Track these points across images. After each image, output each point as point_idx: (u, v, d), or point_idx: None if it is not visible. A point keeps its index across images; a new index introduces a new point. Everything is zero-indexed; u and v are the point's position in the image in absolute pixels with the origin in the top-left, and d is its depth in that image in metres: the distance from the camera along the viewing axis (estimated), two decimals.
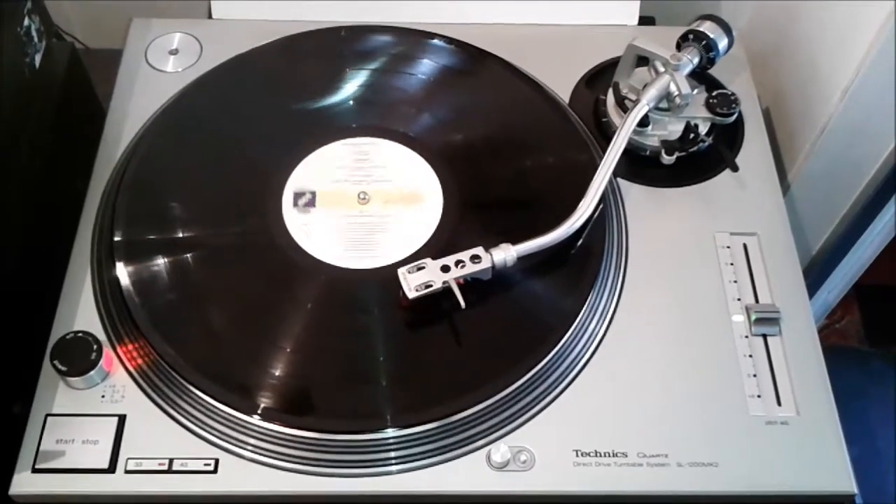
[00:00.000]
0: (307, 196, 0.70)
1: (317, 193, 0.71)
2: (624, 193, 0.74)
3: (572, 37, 0.83)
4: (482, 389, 0.61)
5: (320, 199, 0.71)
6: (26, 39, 0.72)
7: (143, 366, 0.63)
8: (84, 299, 0.66)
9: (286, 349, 0.63)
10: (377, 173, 0.73)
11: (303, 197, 0.70)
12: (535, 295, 0.68)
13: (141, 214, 0.69)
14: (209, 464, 0.60)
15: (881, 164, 0.78)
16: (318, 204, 0.70)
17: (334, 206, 0.71)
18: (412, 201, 0.71)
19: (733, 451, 0.61)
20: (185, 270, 0.67)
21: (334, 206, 0.71)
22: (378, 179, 0.72)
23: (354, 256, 0.68)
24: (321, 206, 0.70)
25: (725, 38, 0.75)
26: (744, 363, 0.65)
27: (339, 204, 0.71)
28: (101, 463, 0.59)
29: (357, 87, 0.78)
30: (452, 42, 0.81)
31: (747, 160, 0.76)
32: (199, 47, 0.82)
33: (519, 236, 0.65)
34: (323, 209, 0.70)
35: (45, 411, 0.61)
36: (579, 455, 0.61)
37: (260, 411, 0.60)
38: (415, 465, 0.60)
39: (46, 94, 0.76)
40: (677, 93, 0.71)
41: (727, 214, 0.73)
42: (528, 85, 0.78)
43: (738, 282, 0.69)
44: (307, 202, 0.70)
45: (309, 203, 0.70)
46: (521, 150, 0.75)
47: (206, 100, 0.77)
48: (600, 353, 0.65)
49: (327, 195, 0.71)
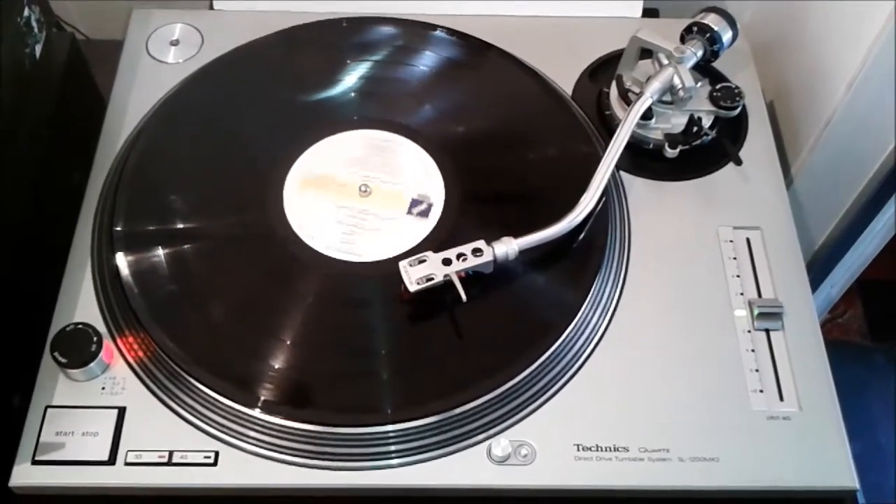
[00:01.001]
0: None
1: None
2: (627, 187, 0.73)
3: (576, 29, 0.83)
4: (483, 383, 0.61)
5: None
6: (26, 30, 0.72)
7: (143, 358, 0.63)
8: (84, 291, 0.66)
9: (286, 342, 0.63)
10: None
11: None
12: (537, 289, 0.67)
13: (141, 206, 0.69)
14: (209, 456, 0.60)
15: (885, 159, 0.77)
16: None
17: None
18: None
19: (735, 446, 0.61)
20: (185, 262, 0.67)
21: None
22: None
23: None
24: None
25: (730, 30, 0.74)
26: (746, 358, 0.65)
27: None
28: (100, 455, 0.59)
29: (358, 78, 0.78)
30: (455, 34, 0.80)
31: (751, 154, 0.75)
32: (200, 38, 0.81)
33: (521, 229, 0.65)
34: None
35: (45, 403, 0.61)
36: (580, 449, 0.61)
37: (260, 404, 0.60)
38: (415, 459, 0.60)
39: (46, 84, 0.75)
40: (681, 86, 0.71)
41: (730, 208, 0.72)
42: (531, 77, 0.78)
43: (741, 276, 0.69)
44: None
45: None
46: (524, 142, 0.75)
47: (207, 91, 0.77)
48: (602, 347, 0.65)
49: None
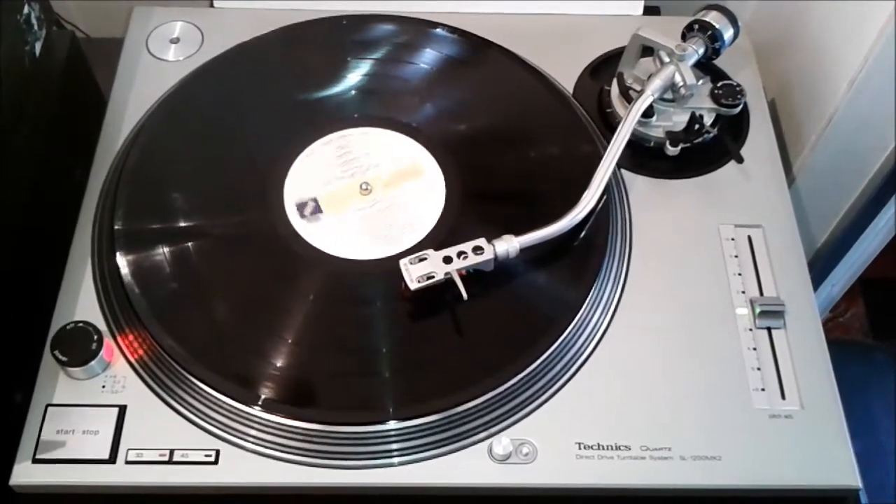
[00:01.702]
0: (311, 205, 0.69)
1: (319, 199, 0.70)
2: (628, 185, 0.73)
3: (577, 27, 0.83)
4: (484, 381, 0.61)
5: (324, 203, 0.70)
6: (26, 27, 0.72)
7: (144, 356, 0.63)
8: (84, 289, 0.66)
9: (287, 340, 0.63)
10: (366, 161, 0.72)
11: (306, 206, 0.69)
12: (538, 287, 0.67)
13: (141, 204, 0.69)
14: (210, 455, 0.59)
15: (887, 157, 0.77)
16: (325, 209, 0.69)
17: (340, 206, 0.70)
18: (412, 175, 0.71)
19: (737, 444, 0.61)
20: (186, 260, 0.67)
21: (340, 206, 0.70)
22: (370, 166, 0.72)
23: (357, 247, 0.68)
24: (328, 210, 0.69)
25: (731, 28, 0.74)
26: (748, 356, 0.65)
27: (344, 202, 0.70)
28: (101, 453, 0.59)
29: (359, 76, 0.78)
30: (455, 31, 0.80)
31: (752, 152, 0.75)
32: (200, 36, 0.81)
33: (522, 227, 0.65)
34: (331, 213, 0.69)
35: (45, 401, 0.61)
36: (582, 448, 0.60)
37: (261, 402, 0.60)
38: (416, 458, 0.60)
39: (46, 82, 0.75)
40: (682, 83, 0.71)
41: (732, 206, 0.72)
42: (532, 75, 0.78)
43: (743, 274, 0.69)
44: (313, 210, 0.69)
45: (315, 210, 0.69)
46: (525, 140, 0.75)
47: (207, 89, 0.77)
48: (603, 345, 0.65)
49: (328, 196, 0.70)
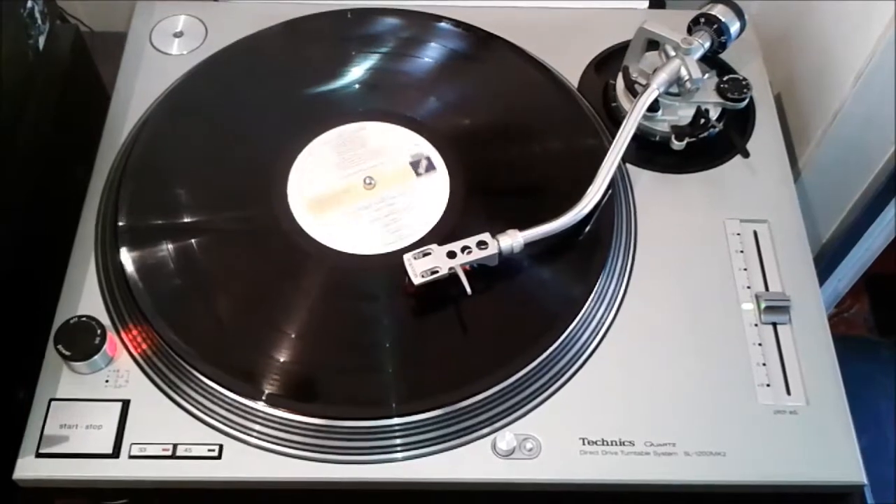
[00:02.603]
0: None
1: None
2: (633, 179, 0.73)
3: (582, 20, 0.82)
4: (488, 377, 0.61)
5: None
6: (30, 21, 0.72)
7: (147, 351, 0.63)
8: (88, 284, 0.66)
9: (291, 335, 0.63)
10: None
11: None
12: (543, 282, 0.67)
13: (145, 199, 0.69)
14: (213, 449, 0.59)
15: (893, 152, 0.77)
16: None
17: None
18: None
19: (742, 440, 0.61)
20: (189, 255, 0.67)
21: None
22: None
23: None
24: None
25: (737, 21, 0.74)
26: (753, 352, 0.64)
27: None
28: (104, 448, 0.59)
29: (363, 70, 0.78)
30: (460, 25, 0.80)
31: (758, 146, 0.75)
32: (203, 30, 0.81)
33: (526, 222, 0.65)
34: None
35: (48, 396, 0.61)
36: (586, 443, 0.60)
37: (265, 397, 0.60)
38: (420, 453, 0.60)
39: (50, 76, 0.75)
40: (688, 77, 0.71)
41: (737, 201, 0.72)
42: (537, 69, 0.78)
43: (748, 269, 0.68)
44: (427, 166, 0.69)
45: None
46: (529, 135, 0.74)
47: (211, 83, 0.76)
48: (608, 340, 0.65)
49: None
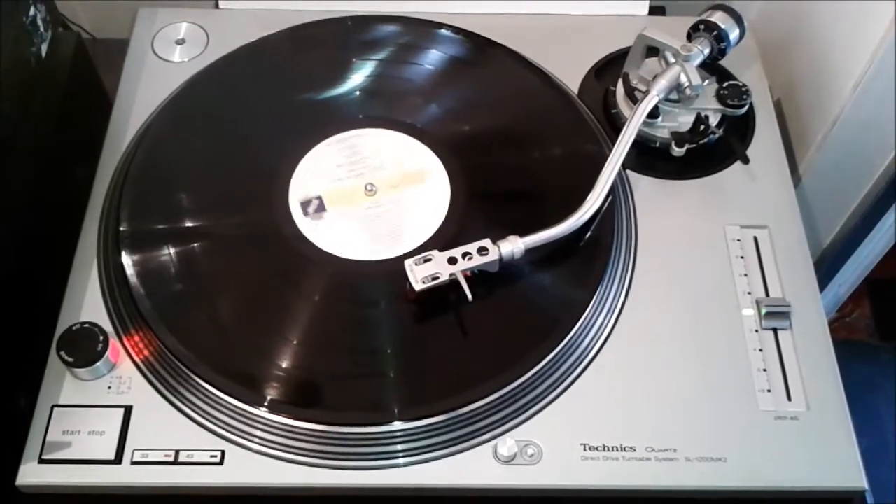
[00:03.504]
0: (314, 202, 0.69)
1: (323, 196, 0.70)
2: (633, 185, 0.73)
3: (582, 27, 0.83)
4: (489, 382, 0.61)
5: (329, 203, 0.70)
6: (32, 29, 0.72)
7: (150, 357, 0.63)
8: (90, 290, 0.66)
9: (292, 341, 0.63)
10: (371, 162, 0.72)
11: (310, 204, 0.69)
12: (543, 288, 0.67)
13: (147, 205, 0.69)
14: (215, 456, 0.60)
15: (893, 157, 0.77)
16: (330, 209, 0.69)
17: (345, 206, 0.70)
18: (418, 179, 0.71)
19: (742, 445, 0.61)
20: (191, 261, 0.67)
21: (345, 206, 0.70)
22: (375, 167, 0.72)
23: (362, 248, 0.68)
24: (333, 211, 0.69)
25: (737, 28, 0.74)
26: (754, 357, 0.65)
27: (349, 203, 0.70)
28: (107, 454, 0.59)
29: (364, 77, 0.78)
30: (460, 32, 0.80)
31: (758, 152, 0.75)
32: (205, 37, 0.81)
33: (527, 228, 0.65)
34: (336, 214, 0.69)
35: (51, 402, 0.61)
36: (587, 449, 0.60)
37: (266, 403, 0.60)
38: (422, 458, 0.60)
39: (52, 83, 0.75)
40: (688, 84, 0.71)
41: (738, 207, 0.72)
42: (537, 76, 0.78)
43: (749, 275, 0.68)
44: (317, 208, 0.69)
45: (319, 208, 0.69)
46: (530, 141, 0.75)
47: (212, 90, 0.77)
48: (609, 346, 0.65)
49: (333, 196, 0.70)
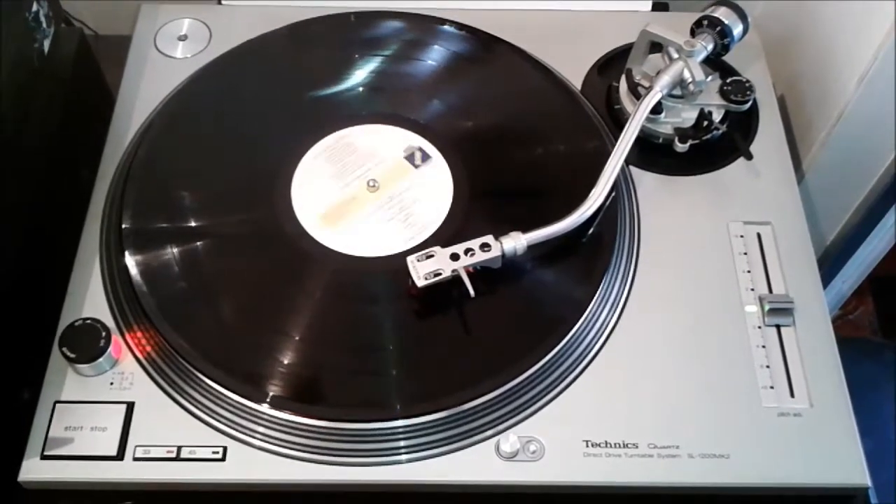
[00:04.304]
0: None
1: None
2: (636, 182, 0.73)
3: (585, 23, 0.82)
4: (492, 379, 0.61)
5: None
6: (35, 25, 0.72)
7: (152, 353, 0.63)
8: (93, 286, 0.66)
9: (295, 337, 0.63)
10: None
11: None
12: (546, 284, 0.67)
13: (149, 201, 0.69)
14: (217, 452, 0.60)
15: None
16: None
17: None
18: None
19: (745, 442, 0.61)
20: (193, 258, 0.67)
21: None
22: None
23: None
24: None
25: (740, 24, 0.74)
26: (757, 354, 0.64)
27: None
28: (109, 450, 0.59)
29: (367, 73, 0.78)
30: (463, 28, 0.80)
31: (762, 148, 0.75)
32: (208, 33, 0.81)
33: (529, 224, 0.65)
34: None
35: (53, 398, 0.61)
36: (589, 446, 0.60)
37: (269, 399, 0.60)
38: (424, 455, 0.60)
39: (55, 80, 0.75)
40: (691, 80, 0.71)
41: (741, 203, 0.72)
42: (540, 71, 0.78)
43: (752, 271, 0.68)
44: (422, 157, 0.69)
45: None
46: (533, 137, 0.74)
47: (215, 86, 0.77)
48: (611, 343, 0.65)
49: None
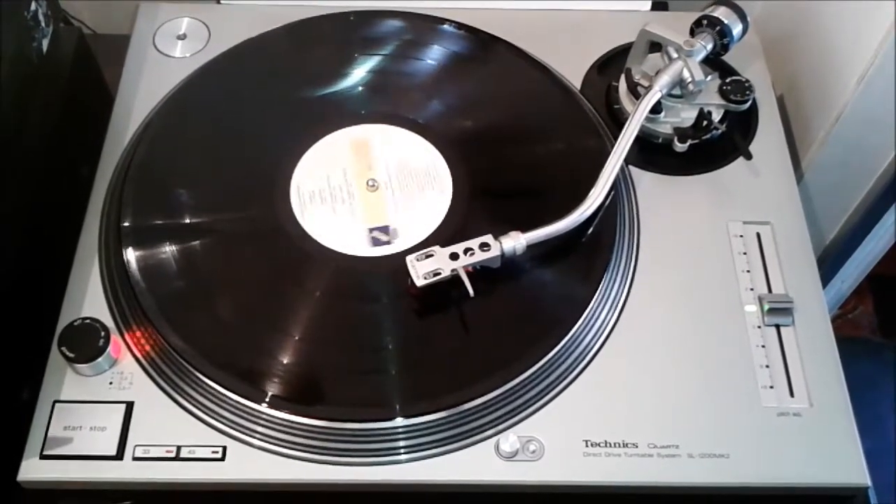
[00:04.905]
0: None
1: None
2: (636, 181, 0.73)
3: (584, 22, 0.82)
4: (491, 379, 0.61)
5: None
6: (33, 24, 0.72)
7: (151, 353, 0.63)
8: (92, 286, 0.66)
9: (294, 337, 0.63)
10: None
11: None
12: (545, 284, 0.67)
13: (149, 200, 0.69)
14: (217, 451, 0.60)
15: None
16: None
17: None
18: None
19: (745, 442, 0.61)
20: (193, 257, 0.67)
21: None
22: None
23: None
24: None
25: (740, 23, 0.74)
26: (756, 354, 0.64)
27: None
28: (108, 450, 0.59)
29: (366, 73, 0.78)
30: (462, 27, 0.80)
31: (761, 148, 0.75)
32: (207, 32, 0.81)
33: (529, 224, 0.65)
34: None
35: (52, 398, 0.61)
36: (589, 445, 0.60)
37: (268, 399, 0.60)
38: (423, 455, 0.60)
39: (54, 79, 0.75)
40: (690, 79, 0.71)
41: (740, 203, 0.72)
42: (539, 71, 0.78)
43: (751, 271, 0.68)
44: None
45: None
46: (532, 136, 0.74)
47: (214, 85, 0.77)
48: (611, 342, 0.65)
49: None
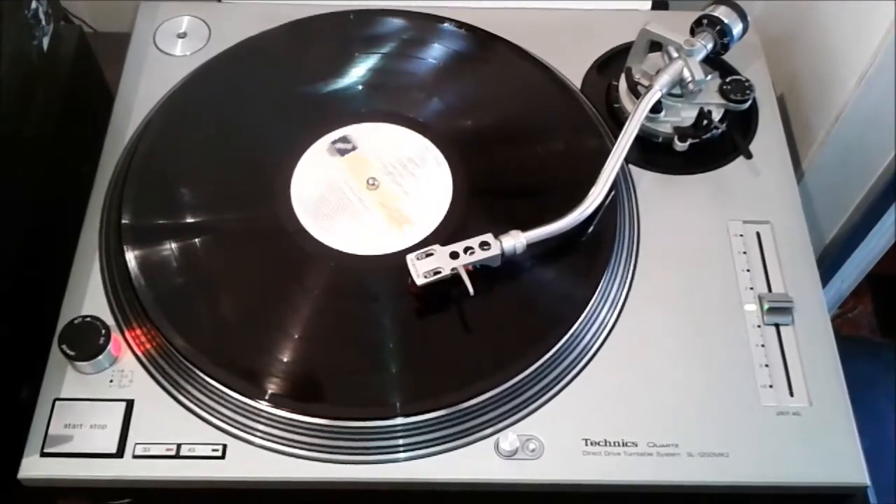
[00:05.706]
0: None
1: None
2: (636, 180, 0.73)
3: (584, 21, 0.82)
4: (491, 377, 0.61)
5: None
6: (34, 22, 0.72)
7: (152, 351, 0.63)
8: (92, 284, 0.66)
9: (294, 335, 0.63)
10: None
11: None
12: (545, 283, 0.67)
13: (149, 199, 0.69)
14: (217, 449, 0.60)
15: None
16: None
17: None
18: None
19: (744, 441, 0.61)
20: (193, 255, 0.67)
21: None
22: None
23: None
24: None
25: (740, 23, 0.74)
26: (756, 353, 0.64)
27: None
28: (109, 448, 0.59)
29: (366, 71, 0.78)
30: (463, 26, 0.80)
31: (761, 147, 0.75)
32: (207, 31, 0.81)
33: (529, 223, 0.65)
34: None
35: (53, 396, 0.61)
36: (589, 444, 0.60)
37: (268, 397, 0.60)
38: (423, 453, 0.60)
39: (54, 78, 0.75)
40: (690, 79, 0.71)
41: (740, 202, 0.72)
42: (540, 70, 0.78)
43: (751, 270, 0.68)
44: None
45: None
46: (532, 135, 0.74)
47: (214, 84, 0.77)
48: (611, 341, 0.65)
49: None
